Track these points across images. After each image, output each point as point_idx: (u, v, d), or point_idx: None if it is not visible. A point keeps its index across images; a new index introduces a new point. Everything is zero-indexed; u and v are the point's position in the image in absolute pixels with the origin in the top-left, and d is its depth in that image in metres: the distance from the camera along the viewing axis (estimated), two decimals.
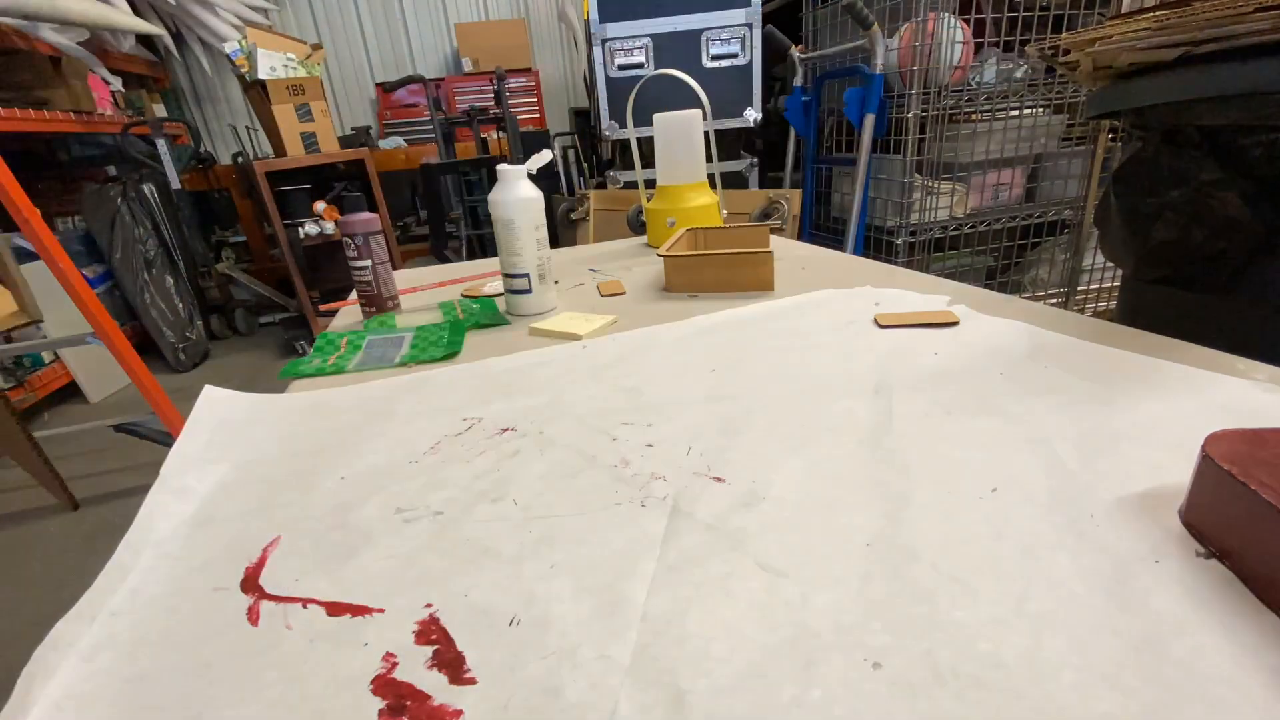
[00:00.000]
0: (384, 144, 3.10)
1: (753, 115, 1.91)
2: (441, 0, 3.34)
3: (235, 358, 2.73)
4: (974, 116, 1.64)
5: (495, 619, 0.29)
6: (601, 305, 0.79)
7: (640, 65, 1.86)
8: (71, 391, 2.28)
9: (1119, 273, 1.00)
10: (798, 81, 1.98)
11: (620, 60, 1.87)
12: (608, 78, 1.88)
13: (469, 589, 0.31)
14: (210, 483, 0.44)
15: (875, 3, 1.67)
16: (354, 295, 0.89)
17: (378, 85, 3.33)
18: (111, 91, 2.56)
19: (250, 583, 0.33)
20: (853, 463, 0.39)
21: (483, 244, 2.75)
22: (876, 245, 1.81)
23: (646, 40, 1.84)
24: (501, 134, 2.65)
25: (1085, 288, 1.85)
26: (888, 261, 1.26)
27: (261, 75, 2.24)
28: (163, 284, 2.61)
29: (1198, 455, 0.30)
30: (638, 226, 1.82)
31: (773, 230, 0.99)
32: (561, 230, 2.33)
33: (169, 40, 2.82)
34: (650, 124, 1.06)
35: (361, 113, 3.44)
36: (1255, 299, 0.69)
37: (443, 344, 0.68)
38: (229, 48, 2.30)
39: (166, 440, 1.60)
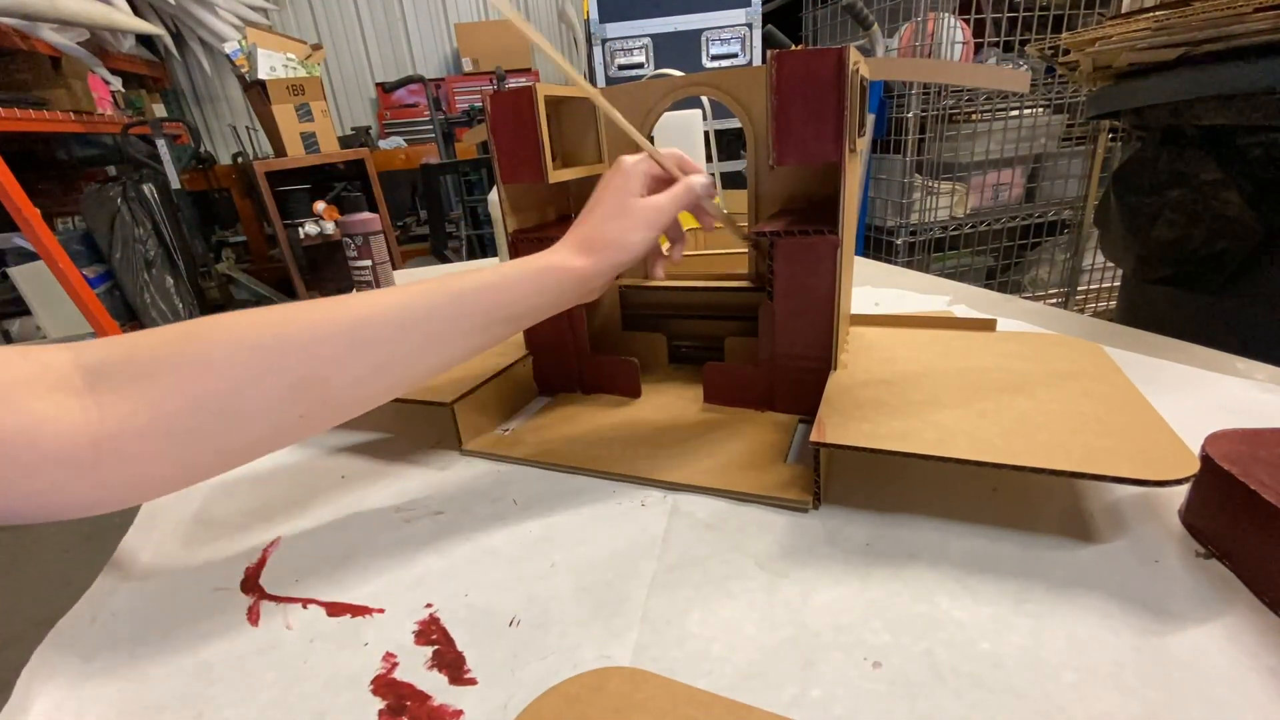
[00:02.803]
0: (384, 144, 3.09)
1: None
2: (441, 0, 3.34)
3: None
4: (974, 116, 1.64)
5: (495, 619, 0.29)
6: None
7: (640, 65, 1.86)
8: None
9: (1119, 273, 1.00)
10: None
11: (620, 60, 1.87)
12: (608, 78, 1.88)
13: (469, 589, 0.31)
14: (210, 482, 0.44)
15: (875, 3, 1.67)
16: None
17: (378, 85, 3.33)
18: (111, 91, 2.55)
19: (250, 583, 0.33)
20: None
21: (483, 244, 2.74)
22: (876, 245, 1.81)
23: (646, 40, 1.84)
24: None
25: (1085, 288, 1.85)
26: (888, 261, 1.26)
27: (261, 75, 2.24)
28: (163, 284, 2.60)
29: (1197, 455, 0.30)
30: None
31: None
32: None
33: (169, 40, 2.82)
34: None
35: (361, 113, 3.43)
36: (1255, 299, 0.69)
37: None
38: (229, 48, 2.30)
39: None
